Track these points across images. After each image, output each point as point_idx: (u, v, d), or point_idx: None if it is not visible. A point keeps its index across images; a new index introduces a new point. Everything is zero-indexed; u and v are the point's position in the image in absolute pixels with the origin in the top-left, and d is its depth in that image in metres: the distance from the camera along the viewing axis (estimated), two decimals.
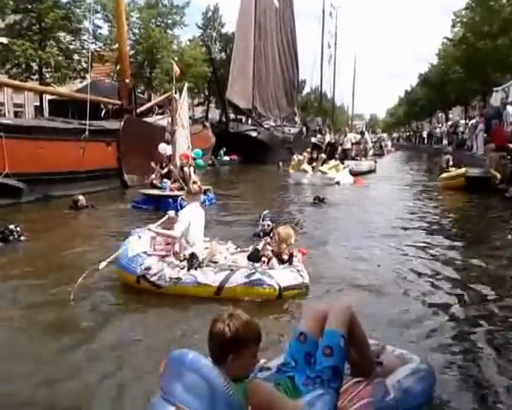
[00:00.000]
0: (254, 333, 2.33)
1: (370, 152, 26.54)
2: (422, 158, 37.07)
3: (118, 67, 17.90)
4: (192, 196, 6.02)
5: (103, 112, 17.24)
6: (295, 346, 2.82)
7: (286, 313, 4.86)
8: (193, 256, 5.36)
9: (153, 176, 11.89)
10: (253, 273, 5.07)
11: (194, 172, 11.75)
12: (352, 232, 8.71)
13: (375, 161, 24.40)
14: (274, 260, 5.40)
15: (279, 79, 35.34)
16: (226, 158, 27.50)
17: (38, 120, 15.89)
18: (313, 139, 23.97)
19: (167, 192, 11.22)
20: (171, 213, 6.51)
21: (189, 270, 5.21)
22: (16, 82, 18.35)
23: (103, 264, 5.23)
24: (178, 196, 10.57)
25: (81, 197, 10.90)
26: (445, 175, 15.87)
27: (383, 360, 3.10)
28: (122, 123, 15.12)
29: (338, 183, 16.56)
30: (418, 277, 5.97)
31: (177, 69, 13.12)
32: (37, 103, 22.73)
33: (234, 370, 2.24)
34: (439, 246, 7.68)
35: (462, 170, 14.71)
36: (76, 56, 24.17)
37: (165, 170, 11.89)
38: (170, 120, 12.22)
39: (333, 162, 18.13)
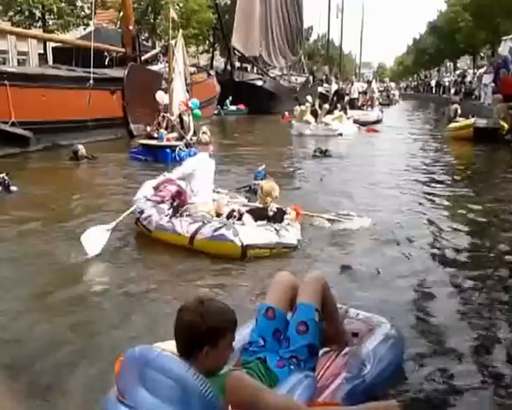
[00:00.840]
0: (231, 320, 2.01)
1: (377, 102, 26.18)
2: (430, 108, 36.62)
3: (121, 14, 17.56)
4: (202, 146, 5.89)
5: (107, 60, 17.07)
6: (263, 323, 2.54)
7: (251, 278, 4.56)
8: (179, 205, 5.40)
9: (148, 128, 11.72)
10: (220, 228, 4.90)
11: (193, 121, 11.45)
12: (354, 186, 8.40)
13: (382, 111, 24.03)
14: (246, 216, 5.20)
15: (283, 25, 34.49)
16: (232, 108, 27.18)
17: (43, 68, 15.81)
18: (320, 89, 23.76)
19: (164, 142, 10.93)
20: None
21: (171, 218, 5.24)
22: (19, 29, 18.17)
23: (114, 223, 5.34)
24: (176, 147, 10.50)
25: (81, 147, 10.76)
26: (452, 125, 15.78)
27: (349, 325, 2.93)
28: (126, 71, 15.00)
29: (341, 134, 16.36)
30: (419, 229, 5.89)
31: (174, 15, 12.86)
32: (41, 51, 22.48)
33: (207, 364, 1.91)
34: (443, 197, 7.73)
35: (470, 120, 14.63)
36: (79, 2, 23.74)
37: (161, 119, 11.56)
38: (167, 68, 11.98)
39: (337, 113, 17.83)
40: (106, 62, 16.59)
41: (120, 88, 14.72)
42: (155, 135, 11.24)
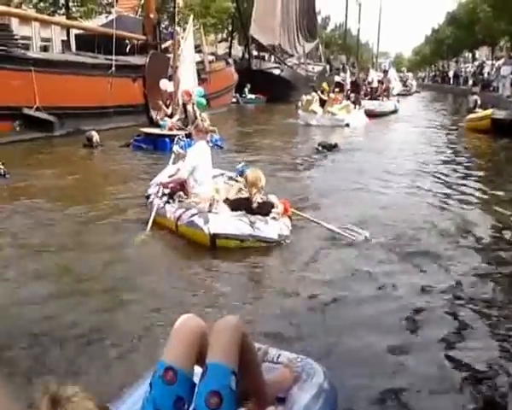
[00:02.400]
0: None
1: (394, 92, 26.03)
2: (448, 99, 36.41)
3: (142, 2, 17.84)
4: (199, 132, 5.91)
5: (128, 47, 17.38)
6: (160, 389, 1.82)
7: (219, 270, 4.46)
8: (173, 191, 5.55)
9: (159, 115, 11.79)
10: (195, 215, 4.89)
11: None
12: (357, 186, 7.69)
13: (398, 101, 23.94)
14: (222, 205, 5.08)
15: (299, 12, 34.37)
16: (251, 96, 27.28)
17: (67, 55, 16.17)
18: (337, 78, 23.78)
19: (165, 131, 10.85)
20: (176, 148, 6.47)
21: (165, 203, 5.39)
22: (43, 16, 18.48)
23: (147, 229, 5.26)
24: (176, 136, 10.54)
25: (94, 133, 10.79)
26: (470, 116, 15.53)
27: (269, 373, 2.21)
28: (147, 59, 15.29)
29: (348, 125, 16.00)
30: (423, 222, 5.70)
31: (180, 0, 12.89)
32: (64, 38, 22.81)
33: None
34: (457, 190, 7.61)
35: (489, 111, 14.37)
36: None
37: (170, 108, 11.67)
38: (172, 55, 12.01)
39: (344, 103, 17.53)
40: (127, 50, 16.92)
41: (141, 75, 15.04)
42: (161, 123, 11.31)
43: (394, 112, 21.78)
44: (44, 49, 25.69)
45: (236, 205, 5.03)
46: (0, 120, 11.23)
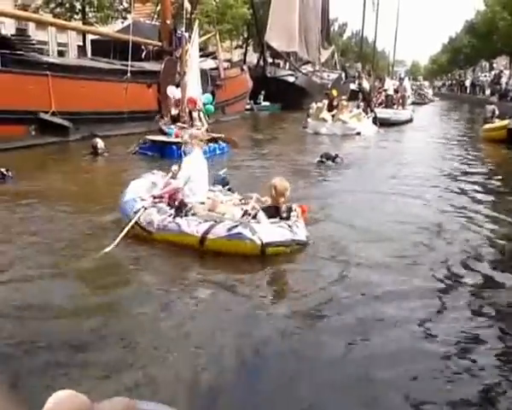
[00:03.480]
0: None
1: (409, 100, 25.72)
2: (464, 108, 36.07)
3: (158, 8, 17.90)
4: (194, 141, 5.75)
5: (144, 53, 17.43)
6: None
7: (269, 275, 4.58)
8: (181, 204, 5.22)
9: (161, 121, 11.66)
10: (236, 226, 4.74)
11: (204, 117, 11.13)
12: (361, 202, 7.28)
13: (413, 111, 23.67)
14: (261, 214, 5.02)
15: (315, 21, 34.27)
16: (266, 103, 27.19)
17: (83, 60, 16.27)
18: (352, 85, 23.59)
19: (171, 139, 10.69)
20: (174, 167, 6.01)
21: (174, 217, 5.05)
22: (60, 21, 18.66)
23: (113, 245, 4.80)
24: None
25: (99, 140, 10.60)
26: (487, 126, 15.44)
27: None
28: (163, 65, 15.29)
29: (359, 133, 15.66)
30: (436, 238, 5.52)
31: (187, 5, 12.85)
32: (81, 43, 23.06)
33: None
34: (473, 201, 7.49)
35: (505, 122, 14.27)
36: None
37: (174, 112, 11.53)
38: (179, 61, 11.88)
39: (355, 111, 17.20)
40: (143, 56, 16.96)
41: (156, 81, 15.04)
42: (166, 130, 11.14)
43: (409, 121, 21.51)
44: (60, 53, 25.96)
45: (269, 214, 5.10)
46: (16, 124, 11.31)
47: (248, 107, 24.94)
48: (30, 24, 18.60)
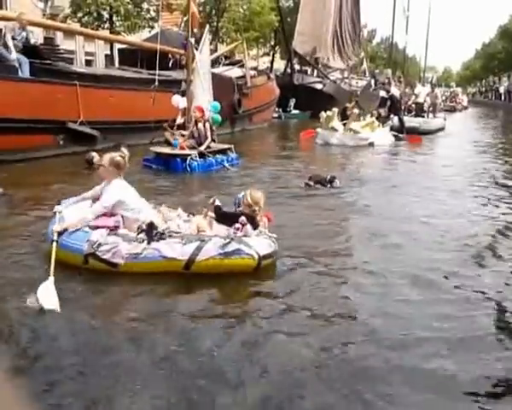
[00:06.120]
0: None
1: (439, 108, 24.90)
2: (498, 116, 35.15)
3: (186, 17, 17.88)
4: (111, 169, 4.81)
5: (171, 62, 17.42)
6: None
7: (263, 286, 4.39)
8: (151, 226, 4.55)
9: (167, 132, 11.25)
10: (229, 243, 4.43)
11: (211, 128, 10.49)
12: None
13: (445, 119, 22.84)
14: (249, 227, 4.70)
15: (350, 27, 33.85)
16: (295, 111, 26.75)
17: (111, 70, 16.33)
18: (382, 93, 23.11)
19: (176, 151, 10.19)
20: (58, 208, 4.95)
21: (149, 243, 4.44)
22: (88, 30, 18.84)
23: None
24: (188, 156, 9.82)
25: (95, 154, 9.78)
26: None
27: None
28: None
29: (371, 144, 14.52)
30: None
31: (194, 10, 12.64)
32: (108, 52, 23.30)
33: None
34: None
35: None
36: (145, 5, 24.44)
37: (179, 121, 11.23)
38: (185, 68, 11.47)
39: (368, 119, 15.90)
40: (169, 65, 16.94)
41: (183, 90, 14.96)
42: (172, 142, 10.66)
43: (441, 130, 20.69)
44: (88, 63, 26.28)
45: (250, 222, 4.81)
46: (44, 134, 11.33)
47: (276, 115, 24.72)
48: (58, 33, 18.80)
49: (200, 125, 10.27)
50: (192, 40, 11.49)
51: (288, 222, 6.05)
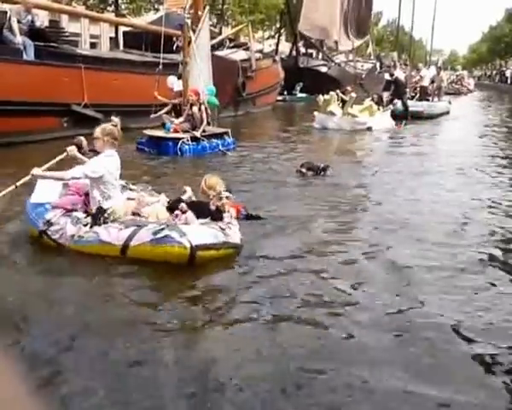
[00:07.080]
0: None
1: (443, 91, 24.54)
2: (504, 99, 34.85)
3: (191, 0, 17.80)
4: (106, 138, 4.77)
5: (175, 45, 17.37)
6: None
7: (200, 280, 4.04)
8: (99, 211, 4.57)
9: (165, 115, 11.10)
10: (162, 229, 4.22)
11: (206, 111, 10.33)
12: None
13: (450, 102, 22.52)
14: (190, 214, 4.55)
15: (355, 7, 33.39)
16: (301, 95, 26.64)
17: (116, 52, 16.31)
18: (387, 76, 22.95)
19: (169, 134, 10.15)
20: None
21: (91, 226, 4.49)
22: (93, 13, 18.79)
23: None
24: (180, 139, 9.78)
25: (83, 138, 9.53)
26: None
27: None
28: None
29: (370, 128, 14.22)
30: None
31: None
32: (113, 35, 23.26)
33: None
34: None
35: None
36: None
37: (169, 106, 11.14)
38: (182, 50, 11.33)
39: (366, 103, 15.59)
40: (174, 48, 16.90)
41: (180, 73, 14.95)
42: (166, 125, 10.65)
43: (445, 113, 20.46)
44: (93, 45, 26.24)
45: (198, 210, 4.63)
46: (49, 116, 11.40)
47: (281, 98, 24.66)
48: (63, 16, 18.79)
49: (195, 108, 10.11)
50: (189, 22, 11.32)
51: (271, 208, 5.89)
